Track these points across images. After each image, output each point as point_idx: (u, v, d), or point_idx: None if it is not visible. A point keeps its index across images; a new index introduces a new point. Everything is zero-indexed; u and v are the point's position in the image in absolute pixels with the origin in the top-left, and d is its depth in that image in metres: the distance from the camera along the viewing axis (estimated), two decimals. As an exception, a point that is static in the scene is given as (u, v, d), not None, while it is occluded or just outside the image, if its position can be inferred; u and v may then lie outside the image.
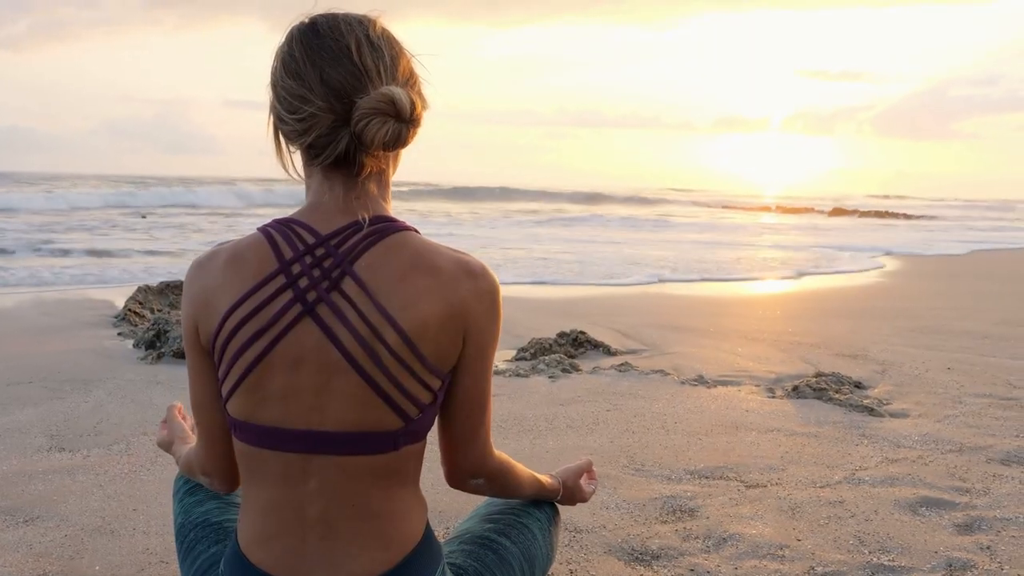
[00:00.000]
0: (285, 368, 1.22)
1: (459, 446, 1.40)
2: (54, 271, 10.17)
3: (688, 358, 5.31)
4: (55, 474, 2.96)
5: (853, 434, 3.60)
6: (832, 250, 16.14)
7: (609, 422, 3.75)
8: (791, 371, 4.98)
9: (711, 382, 4.61)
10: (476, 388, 1.34)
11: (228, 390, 1.25)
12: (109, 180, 39.10)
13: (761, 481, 2.99)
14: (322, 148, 1.24)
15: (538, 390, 4.35)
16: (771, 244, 17.76)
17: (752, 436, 3.56)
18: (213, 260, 1.29)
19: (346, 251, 1.24)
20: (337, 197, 1.27)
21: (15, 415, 3.71)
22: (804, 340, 5.98)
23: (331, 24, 1.27)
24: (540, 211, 30.48)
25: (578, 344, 5.58)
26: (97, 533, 2.45)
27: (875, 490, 2.90)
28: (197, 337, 1.29)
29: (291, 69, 1.25)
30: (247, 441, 1.27)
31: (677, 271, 11.53)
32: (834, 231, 23.40)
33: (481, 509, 1.71)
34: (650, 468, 3.13)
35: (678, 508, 2.71)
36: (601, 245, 16.04)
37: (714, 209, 38.95)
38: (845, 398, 4.16)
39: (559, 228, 21.49)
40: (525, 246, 15.20)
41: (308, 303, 1.22)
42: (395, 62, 1.28)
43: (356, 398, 1.22)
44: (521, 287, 9.31)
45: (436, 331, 1.24)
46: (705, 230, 22.94)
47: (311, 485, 1.25)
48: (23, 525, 2.50)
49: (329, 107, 1.21)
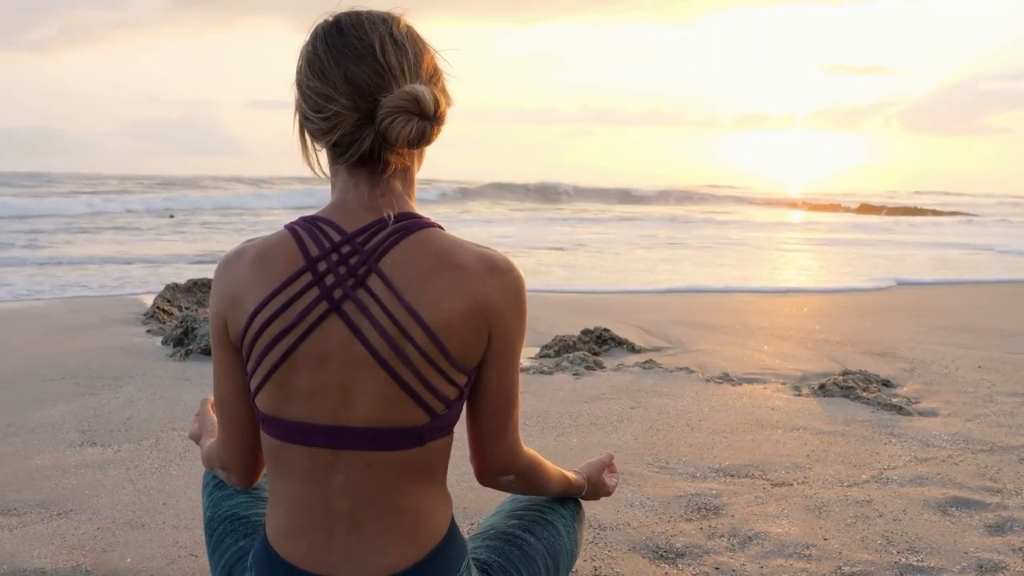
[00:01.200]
0: (312, 365, 1.23)
1: (488, 443, 1.40)
2: (80, 270, 10.32)
3: (713, 356, 5.29)
4: (87, 468, 3.01)
5: (881, 433, 3.57)
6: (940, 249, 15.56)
7: (633, 420, 3.75)
8: (818, 369, 4.94)
9: (736, 380, 4.58)
10: (503, 383, 1.35)
11: (256, 386, 1.27)
12: (135, 180, 39.53)
13: (787, 480, 2.98)
14: (347, 146, 1.25)
15: (562, 387, 4.35)
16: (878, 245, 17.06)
17: (778, 434, 3.54)
18: (241, 258, 1.31)
19: (372, 248, 1.25)
20: (362, 195, 1.28)
21: (48, 410, 3.78)
22: (831, 338, 5.93)
23: (355, 23, 1.28)
24: (606, 211, 29.52)
25: (602, 341, 5.57)
26: (128, 526, 2.48)
27: (904, 490, 2.88)
28: (226, 333, 1.31)
29: (316, 68, 1.26)
30: (275, 436, 1.28)
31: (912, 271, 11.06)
32: (923, 230, 22.59)
33: (506, 505, 1.72)
34: (675, 466, 3.12)
35: (703, 506, 2.70)
36: (755, 249, 15.19)
37: (772, 207, 38.02)
38: (873, 396, 4.12)
39: (654, 229, 20.37)
40: (697, 251, 14.32)
41: (334, 300, 1.23)
42: (419, 59, 1.28)
43: (382, 394, 1.23)
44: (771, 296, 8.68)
45: (462, 327, 1.24)
46: (806, 229, 22.19)
47: (337, 480, 1.27)
48: (57, 518, 2.55)
49: (354, 105, 1.22)
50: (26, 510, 2.61)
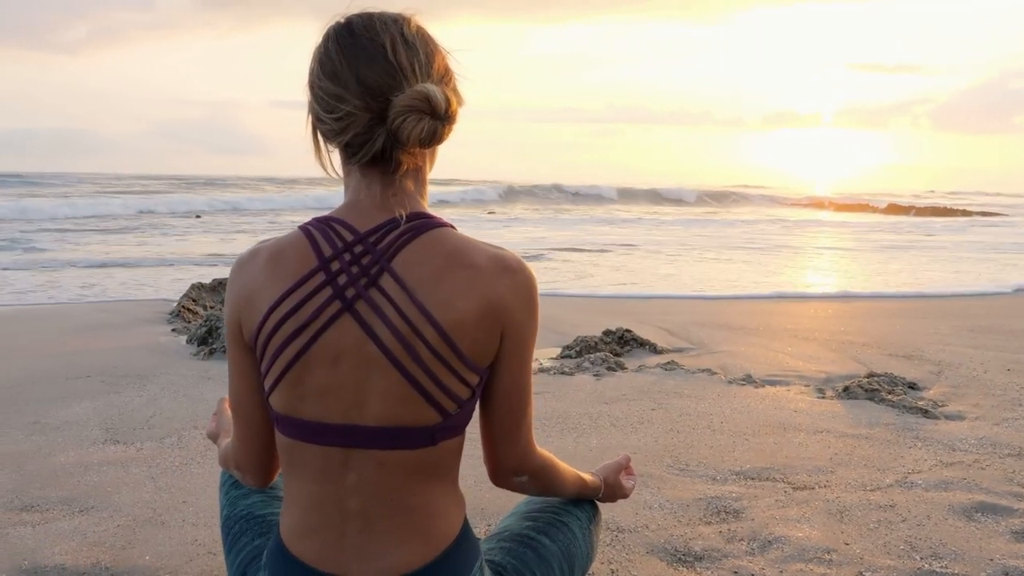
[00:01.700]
0: (325, 364, 1.24)
1: (501, 443, 1.40)
2: (108, 271, 10.45)
3: (736, 357, 5.24)
4: (109, 466, 3.04)
5: (906, 436, 3.51)
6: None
7: (654, 421, 3.72)
8: (842, 371, 4.88)
9: (759, 382, 4.54)
10: (515, 383, 1.35)
11: (270, 385, 1.27)
12: (162, 180, 39.95)
13: (809, 483, 2.94)
14: (359, 146, 1.25)
15: (583, 388, 4.33)
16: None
17: (800, 437, 3.50)
18: (255, 258, 1.32)
19: (384, 248, 1.25)
20: (374, 194, 1.29)
21: (73, 408, 3.83)
22: (856, 340, 5.86)
23: (366, 23, 1.28)
24: (648, 213, 29.13)
25: (624, 342, 5.55)
26: (148, 524, 2.51)
27: (928, 494, 2.83)
28: (240, 334, 1.32)
29: (327, 69, 1.26)
30: (289, 435, 1.29)
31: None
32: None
33: (521, 507, 1.72)
34: (694, 468, 3.09)
35: (723, 509, 2.68)
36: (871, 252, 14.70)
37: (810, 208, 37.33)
38: (898, 399, 4.06)
39: (701, 231, 19.99)
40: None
41: (347, 300, 1.24)
42: (430, 59, 1.29)
43: (394, 394, 1.23)
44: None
45: (473, 327, 1.24)
46: (880, 230, 21.68)
47: (350, 479, 1.27)
48: (78, 515, 2.58)
49: (365, 106, 1.22)
50: (49, 507, 2.64)
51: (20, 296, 7.96)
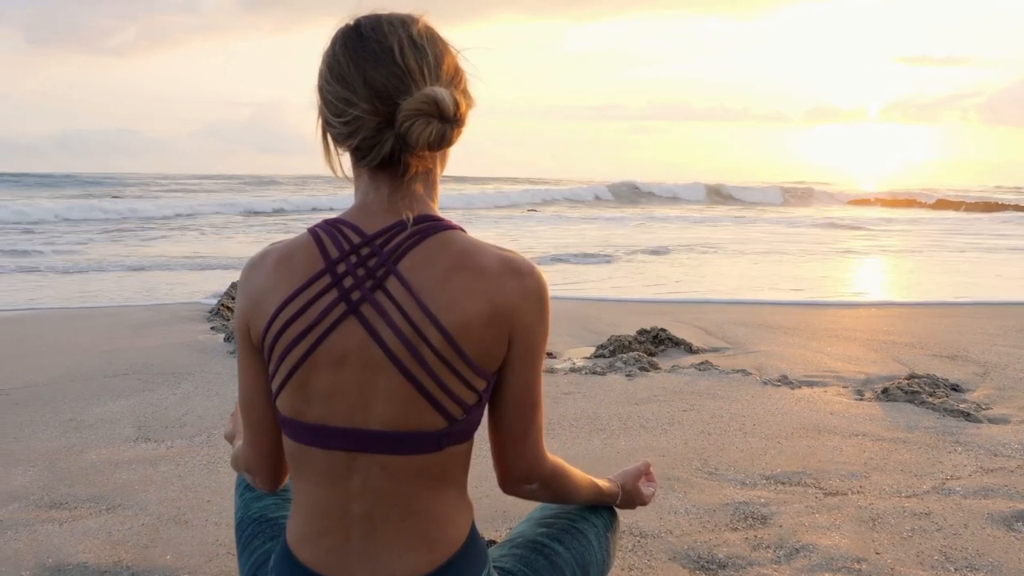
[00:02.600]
0: (330, 366, 1.23)
1: (509, 449, 1.38)
2: (153, 273, 10.66)
3: (773, 357, 5.14)
4: (139, 464, 3.08)
5: (946, 440, 3.40)
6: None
7: (684, 423, 3.66)
8: (882, 372, 4.75)
9: (795, 383, 4.44)
10: (524, 389, 1.33)
11: (276, 387, 1.27)
12: (212, 180, 40.64)
13: (841, 488, 2.86)
14: (368, 150, 1.25)
15: (614, 388, 4.28)
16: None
17: (835, 440, 3.41)
18: (264, 260, 1.32)
19: (390, 250, 1.25)
20: (383, 197, 1.28)
21: (109, 406, 3.89)
22: (899, 339, 5.71)
23: (374, 25, 1.27)
24: (708, 211, 28.02)
25: (658, 341, 5.48)
26: (172, 523, 2.53)
27: (966, 502, 2.73)
28: (248, 336, 1.32)
29: (335, 72, 1.26)
30: (294, 438, 1.28)
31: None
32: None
33: (536, 513, 1.69)
34: (724, 472, 3.03)
35: (750, 515, 2.61)
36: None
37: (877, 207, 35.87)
38: (939, 402, 3.93)
39: (774, 230, 19.03)
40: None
41: (352, 302, 1.23)
42: (439, 61, 1.27)
43: (399, 397, 1.22)
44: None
45: (480, 330, 1.23)
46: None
47: (355, 483, 1.26)
48: (105, 513, 2.61)
49: (373, 109, 1.22)
50: (77, 504, 2.68)
51: (69, 296, 8.15)
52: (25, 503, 2.67)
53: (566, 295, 8.24)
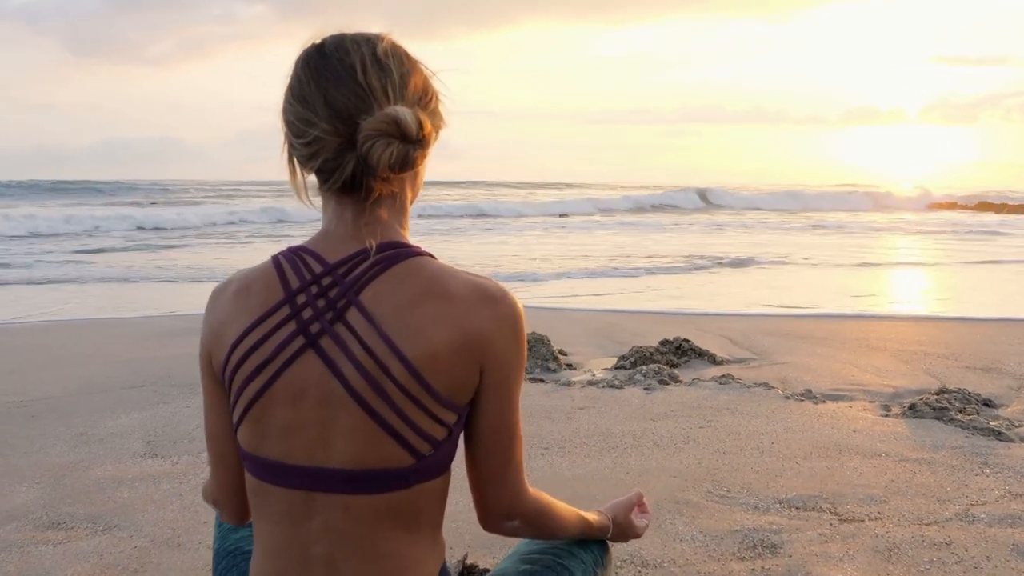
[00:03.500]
0: (287, 402, 1.18)
1: (487, 486, 1.31)
2: (186, 285, 10.78)
3: (798, 369, 5.00)
4: (142, 481, 3.06)
5: (973, 462, 3.25)
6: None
7: (700, 440, 3.55)
8: (912, 385, 4.59)
9: (819, 397, 4.31)
10: (500, 421, 1.26)
11: (236, 420, 1.23)
12: (249, 186, 41.13)
13: (858, 515, 2.73)
14: (330, 172, 1.20)
15: (630, 402, 4.18)
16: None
17: (856, 461, 3.27)
18: (226, 289, 1.28)
19: (352, 280, 1.19)
20: (346, 223, 1.23)
21: (121, 419, 3.89)
22: (931, 350, 5.52)
23: (337, 44, 1.23)
24: (769, 218, 26.53)
25: (681, 352, 5.37)
26: (165, 545, 2.50)
27: (991, 530, 2.60)
28: (211, 366, 1.28)
29: (297, 92, 1.22)
30: (254, 474, 1.24)
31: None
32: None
33: (522, 547, 1.62)
34: (736, 495, 2.92)
35: (759, 543, 2.51)
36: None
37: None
38: (969, 419, 3.77)
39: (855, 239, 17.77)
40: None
41: (311, 335, 1.18)
42: (404, 80, 1.22)
43: (361, 434, 1.16)
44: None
45: (448, 361, 1.17)
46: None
47: (315, 524, 1.21)
48: (101, 534, 2.59)
49: (334, 129, 1.17)
50: (74, 524, 2.66)
51: (99, 306, 8.25)
52: (23, 523, 2.66)
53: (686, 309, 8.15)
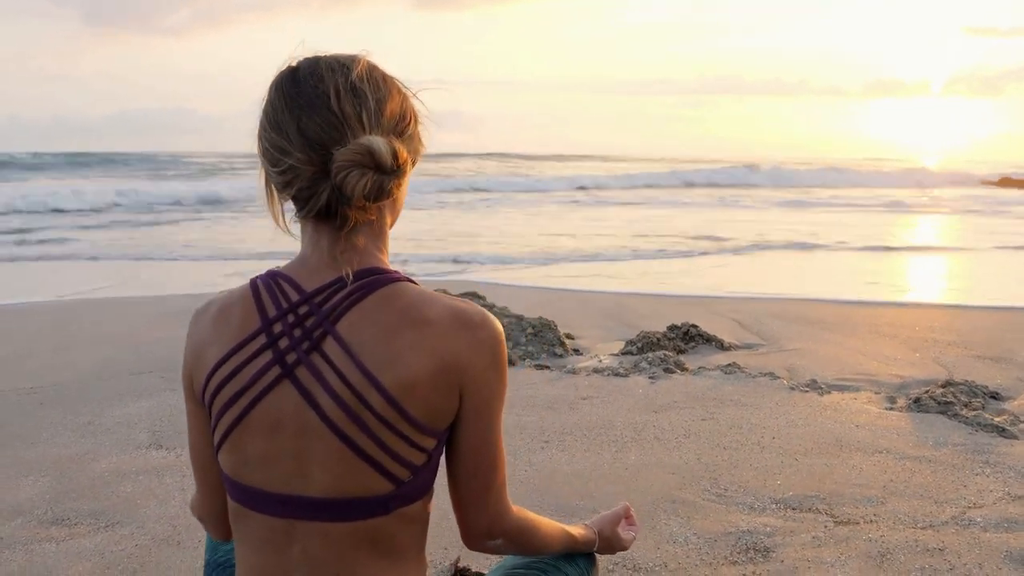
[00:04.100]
0: (264, 432, 1.19)
1: (469, 507, 1.32)
2: (201, 263, 10.84)
3: (806, 356, 4.98)
4: (145, 475, 3.11)
5: (975, 460, 3.24)
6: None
7: (700, 435, 3.55)
8: (920, 375, 4.56)
9: (825, 387, 4.29)
10: (481, 445, 1.27)
11: (216, 444, 1.25)
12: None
13: (854, 517, 2.73)
14: (305, 201, 1.20)
15: (634, 392, 4.18)
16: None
17: (856, 459, 3.27)
18: (206, 312, 1.30)
19: (329, 309, 1.19)
20: (323, 250, 1.24)
21: (128, 407, 3.94)
22: (942, 337, 5.48)
23: (311, 69, 1.22)
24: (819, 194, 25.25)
25: (689, 338, 5.35)
26: (165, 544, 2.54)
27: (986, 535, 2.59)
28: (192, 388, 1.30)
29: (271, 119, 1.22)
30: (235, 499, 1.25)
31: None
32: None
33: (508, 561, 1.63)
34: (732, 494, 2.92)
35: (752, 546, 2.52)
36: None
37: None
38: (973, 415, 3.75)
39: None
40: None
41: (287, 366, 1.19)
42: (380, 106, 1.21)
43: (338, 463, 1.18)
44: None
45: (427, 389, 1.17)
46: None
47: (294, 551, 1.22)
48: (103, 531, 2.64)
49: (308, 159, 1.17)
50: (78, 520, 2.71)
51: (116, 283, 8.33)
52: (28, 518, 2.72)
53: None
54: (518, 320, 5.35)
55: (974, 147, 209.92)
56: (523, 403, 3.98)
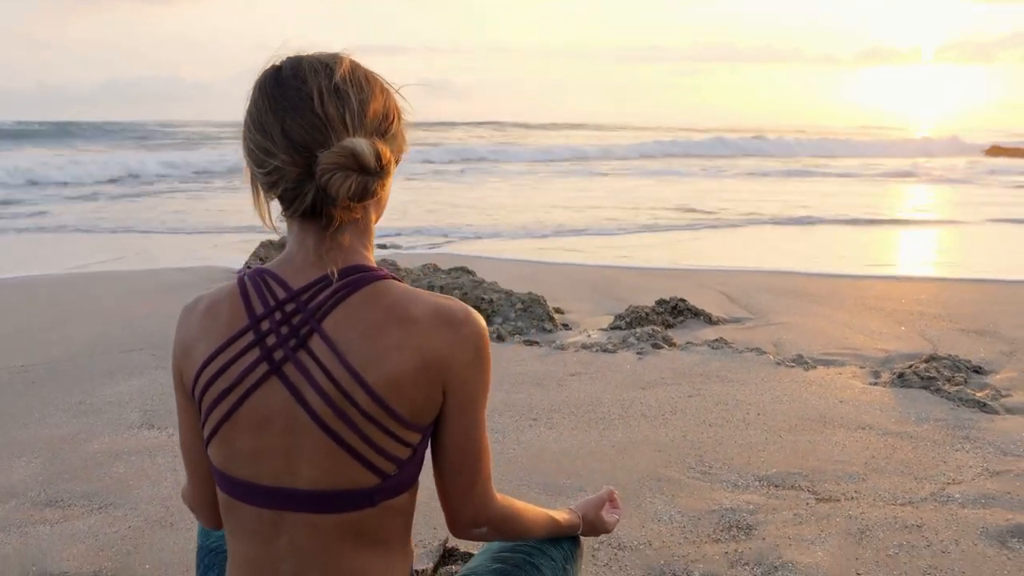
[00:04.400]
0: (252, 427, 1.22)
1: (454, 497, 1.36)
2: (193, 236, 10.79)
3: (792, 331, 5.03)
4: (138, 455, 3.14)
5: (955, 436, 3.30)
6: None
7: (687, 411, 3.60)
8: (905, 349, 4.62)
9: (811, 362, 4.34)
10: (465, 439, 1.30)
11: (206, 438, 1.27)
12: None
13: (835, 494, 2.79)
14: (290, 201, 1.22)
15: (622, 369, 4.23)
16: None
17: (838, 435, 3.32)
18: (195, 309, 1.32)
19: (315, 307, 1.22)
20: (308, 249, 1.26)
21: (119, 386, 3.97)
22: (928, 310, 5.53)
23: (295, 71, 1.23)
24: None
25: (677, 312, 5.39)
26: (157, 526, 2.58)
27: (963, 511, 2.65)
28: (182, 383, 1.32)
29: (256, 120, 1.23)
30: (224, 491, 1.28)
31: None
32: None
33: (494, 544, 1.67)
34: (717, 471, 2.98)
35: (735, 524, 2.57)
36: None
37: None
38: (956, 390, 3.81)
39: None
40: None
41: (275, 362, 1.22)
42: (363, 107, 1.23)
43: (325, 458, 1.21)
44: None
45: (411, 386, 1.20)
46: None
47: (283, 542, 1.26)
48: (97, 512, 2.67)
49: (292, 160, 1.19)
50: (71, 502, 2.74)
51: (107, 257, 8.30)
52: (22, 500, 2.75)
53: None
54: (507, 295, 5.37)
55: (969, 115, 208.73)
56: (512, 380, 4.02)
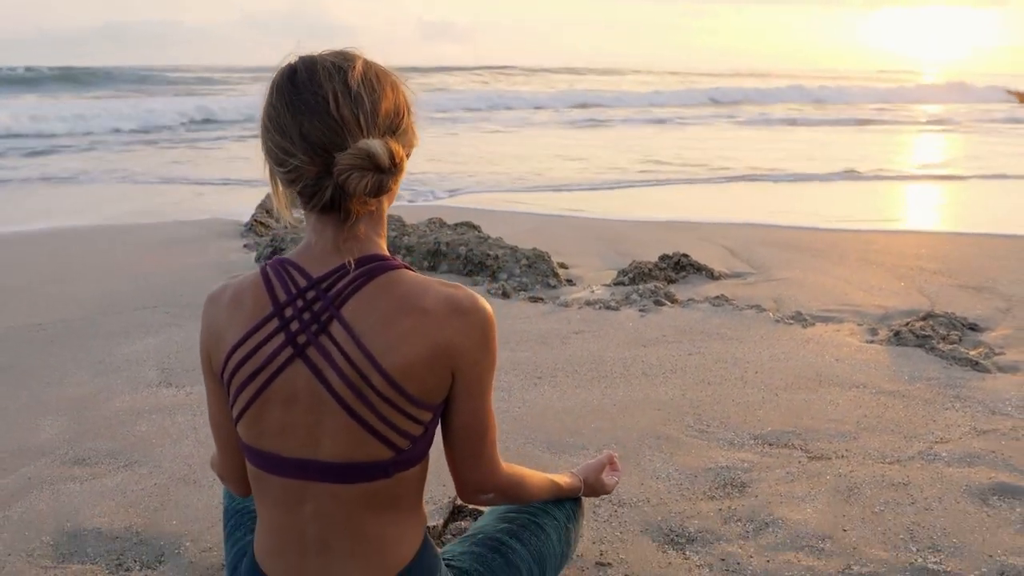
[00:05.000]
0: (280, 405, 1.34)
1: (462, 467, 1.49)
2: (196, 187, 10.81)
3: (793, 286, 5.12)
4: (158, 413, 3.27)
5: (946, 395, 3.41)
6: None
7: (687, 369, 3.72)
8: (903, 305, 4.71)
9: (809, 319, 4.44)
10: (473, 417, 1.42)
11: (235, 417, 1.39)
12: (252, 73, 39.77)
13: (826, 452, 2.91)
14: (310, 196, 1.32)
15: (624, 326, 4.33)
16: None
17: (833, 393, 3.44)
18: (221, 297, 1.42)
19: (334, 295, 1.32)
20: (327, 239, 1.35)
21: (135, 345, 4.09)
22: (928, 265, 5.61)
23: (310, 73, 1.31)
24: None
25: (680, 268, 5.48)
26: (182, 483, 2.71)
27: (948, 470, 2.77)
28: (211, 366, 1.43)
29: (274, 121, 1.32)
30: (253, 463, 1.40)
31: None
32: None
33: (501, 506, 1.80)
34: (714, 430, 3.10)
35: (729, 482, 2.70)
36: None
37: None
38: (950, 348, 3.91)
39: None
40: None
41: (298, 346, 1.32)
42: (376, 108, 1.32)
43: (346, 433, 1.32)
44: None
45: (422, 370, 1.32)
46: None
47: (308, 509, 1.38)
48: (123, 470, 2.81)
49: (311, 160, 1.28)
50: (98, 460, 2.88)
51: (105, 211, 8.37)
52: (52, 458, 2.88)
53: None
54: (512, 251, 5.46)
55: (984, 57, 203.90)
56: (518, 338, 4.13)
